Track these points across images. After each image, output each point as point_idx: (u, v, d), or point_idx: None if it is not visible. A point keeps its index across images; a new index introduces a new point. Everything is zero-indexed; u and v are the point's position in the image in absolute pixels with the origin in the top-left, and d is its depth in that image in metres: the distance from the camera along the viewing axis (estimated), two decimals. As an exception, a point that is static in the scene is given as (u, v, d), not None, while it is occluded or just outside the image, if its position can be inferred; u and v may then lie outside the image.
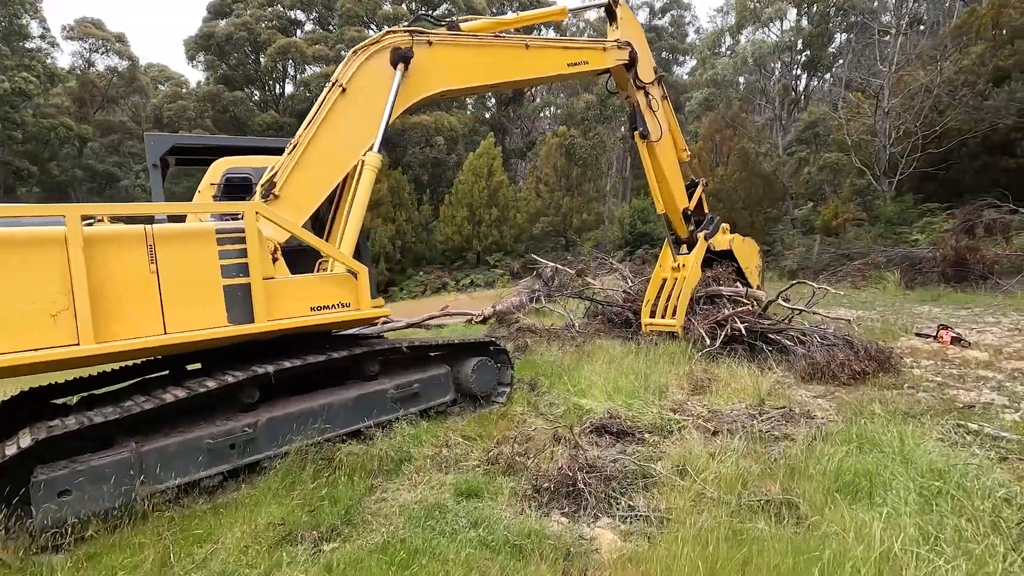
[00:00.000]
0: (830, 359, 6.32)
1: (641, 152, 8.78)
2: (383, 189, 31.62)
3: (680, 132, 9.33)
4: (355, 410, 4.89)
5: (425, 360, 5.60)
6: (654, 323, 8.97)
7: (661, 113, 8.77)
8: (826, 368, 6.25)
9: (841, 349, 6.49)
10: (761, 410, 5.29)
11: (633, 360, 7.73)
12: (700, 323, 8.21)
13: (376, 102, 5.97)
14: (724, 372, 6.74)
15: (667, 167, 8.83)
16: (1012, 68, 20.53)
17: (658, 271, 9.42)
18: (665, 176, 8.83)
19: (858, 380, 6.07)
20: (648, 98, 8.61)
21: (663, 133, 8.67)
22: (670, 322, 8.66)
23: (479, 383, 5.78)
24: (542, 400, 6.17)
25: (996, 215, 13.62)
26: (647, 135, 8.48)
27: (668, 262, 9.23)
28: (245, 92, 37.77)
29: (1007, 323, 9.17)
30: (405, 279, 32.16)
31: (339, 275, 4.89)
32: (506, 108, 47.18)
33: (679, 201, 9.10)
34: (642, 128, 8.49)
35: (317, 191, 5.60)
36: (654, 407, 5.77)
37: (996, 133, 20.25)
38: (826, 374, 6.23)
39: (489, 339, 5.96)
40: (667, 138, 8.83)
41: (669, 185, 8.90)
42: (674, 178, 8.99)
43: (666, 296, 8.97)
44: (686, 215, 9.21)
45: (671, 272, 9.12)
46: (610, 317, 10.85)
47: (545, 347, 9.54)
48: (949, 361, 6.90)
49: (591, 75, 8.78)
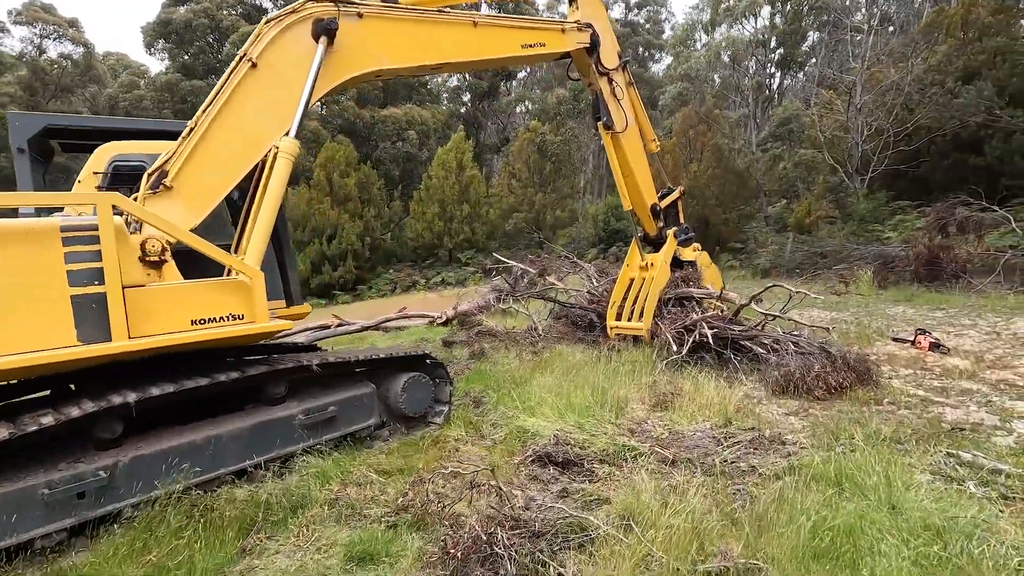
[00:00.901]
0: (805, 370, 5.73)
1: (606, 144, 8.12)
2: (351, 184, 30.56)
3: (648, 122, 8.69)
4: (252, 442, 4.11)
5: (346, 378, 4.84)
6: (620, 327, 8.36)
7: (627, 101, 8.11)
8: (800, 381, 5.66)
9: (817, 359, 5.91)
10: (727, 433, 4.67)
11: (592, 370, 7.08)
12: (668, 328, 7.60)
13: (292, 81, 5.19)
14: (689, 384, 6.13)
15: (633, 160, 8.17)
16: (981, 66, 20.51)
17: (625, 271, 8.80)
18: (631, 169, 8.17)
19: (834, 394, 5.49)
20: (612, 85, 7.94)
21: (629, 123, 8.02)
22: (636, 325, 8.05)
23: (410, 403, 5.04)
24: (486, 419, 5.47)
25: (968, 213, 13.36)
26: (611, 125, 7.81)
27: (636, 261, 8.61)
28: (206, 82, 36.13)
29: (984, 326, 8.78)
30: (374, 277, 31.16)
31: (232, 281, 4.09)
32: (481, 103, 46.35)
33: (647, 196, 8.47)
34: (606, 118, 7.83)
35: (218, 183, 4.80)
36: (609, 427, 5.11)
37: (965, 130, 20.19)
38: (800, 388, 5.64)
39: (423, 352, 5.22)
40: (633, 129, 8.16)
41: (636, 179, 8.25)
42: (641, 171, 8.34)
43: (633, 297, 8.35)
44: (655, 211, 8.58)
45: (639, 272, 8.50)
46: (574, 320, 10.23)
47: (503, 353, 8.86)
48: (929, 370, 6.40)
49: (549, 59, 8.06)
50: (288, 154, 4.84)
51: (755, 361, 6.82)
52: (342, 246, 29.70)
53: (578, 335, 9.53)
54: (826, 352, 5.98)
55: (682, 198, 9.02)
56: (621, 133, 7.89)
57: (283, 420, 4.29)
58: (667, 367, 7.07)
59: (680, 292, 8.32)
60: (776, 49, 41.31)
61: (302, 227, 29.68)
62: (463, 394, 6.41)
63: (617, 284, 8.80)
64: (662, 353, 7.32)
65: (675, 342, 7.27)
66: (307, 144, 32.90)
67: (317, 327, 12.87)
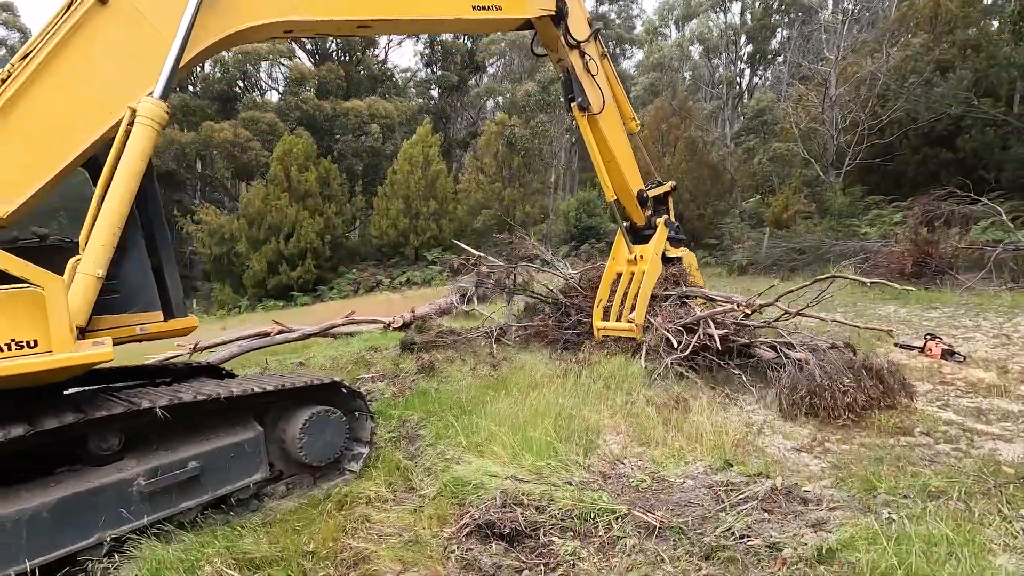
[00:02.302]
0: (831, 385, 4.68)
1: (582, 127, 6.90)
2: (310, 179, 28.87)
3: (626, 98, 7.53)
4: (59, 524, 2.83)
5: (218, 419, 3.57)
6: (608, 328, 7.18)
7: (602, 77, 6.93)
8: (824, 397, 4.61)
9: (843, 370, 4.86)
10: (727, 482, 3.58)
11: (560, 387, 5.95)
12: (663, 324, 6.47)
13: (158, 25, 3.89)
14: (676, 409, 5.04)
15: (614, 142, 7.02)
16: (955, 57, 20.20)
17: (611, 265, 7.63)
18: (613, 154, 7.03)
19: (861, 415, 4.46)
20: (585, 59, 6.74)
21: (606, 102, 6.86)
22: (626, 326, 6.88)
23: (313, 449, 3.80)
24: (419, 463, 4.27)
25: (952, 206, 12.73)
26: (587, 106, 6.63)
27: (622, 254, 7.46)
28: (153, 70, 33.82)
29: (988, 328, 7.97)
30: (336, 277, 29.56)
31: (14, 293, 2.78)
32: (449, 96, 44.93)
33: (632, 183, 7.35)
34: (580, 98, 6.59)
35: (41, 160, 3.50)
36: (576, 472, 3.98)
37: (940, 123, 19.87)
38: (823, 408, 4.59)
39: (333, 379, 3.97)
40: (611, 108, 7.01)
41: (618, 164, 7.11)
42: (623, 155, 7.21)
43: (621, 294, 7.18)
44: (642, 199, 7.47)
45: (627, 266, 7.36)
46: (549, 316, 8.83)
47: (457, 365, 7.66)
48: (950, 384, 5.47)
49: (507, 27, 6.83)
50: (149, 119, 3.56)
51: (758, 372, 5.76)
52: (301, 244, 28.04)
53: (551, 336, 8.30)
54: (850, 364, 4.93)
55: (673, 193, 7.91)
56: (599, 114, 6.76)
57: (112, 488, 3.01)
58: (650, 381, 6.00)
59: (689, 291, 7.19)
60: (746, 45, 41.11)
61: (257, 225, 27.90)
62: (397, 424, 5.20)
63: (603, 280, 7.63)
64: (652, 357, 6.22)
65: (673, 337, 6.14)
66: (263, 137, 31.08)
67: (255, 335, 11.42)
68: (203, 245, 28.89)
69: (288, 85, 33.70)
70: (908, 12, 24.00)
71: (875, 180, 23.11)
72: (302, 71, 33.53)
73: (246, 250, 27.93)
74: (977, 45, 20.53)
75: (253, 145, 30.60)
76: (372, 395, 6.51)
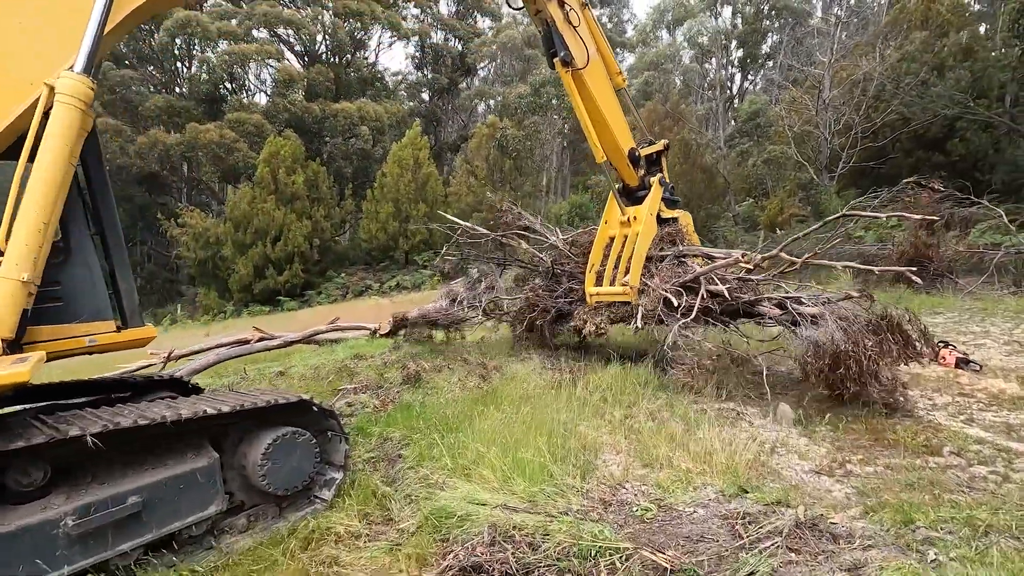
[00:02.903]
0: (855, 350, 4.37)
1: (566, 85, 6.41)
2: (298, 182, 28.33)
3: (611, 51, 7.07)
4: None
5: (166, 445, 3.13)
6: (601, 293, 6.73)
7: (584, 29, 6.45)
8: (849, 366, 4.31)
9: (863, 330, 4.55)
10: (744, 512, 3.19)
11: (554, 399, 5.56)
12: (660, 285, 6.07)
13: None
14: (679, 423, 4.65)
15: (602, 99, 6.58)
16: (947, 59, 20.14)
17: (603, 229, 7.20)
18: (601, 112, 6.58)
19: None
20: (565, 10, 6.26)
21: (590, 56, 6.37)
22: (620, 289, 6.43)
23: (277, 476, 3.36)
24: (399, 489, 3.84)
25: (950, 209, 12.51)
26: (570, 60, 6.14)
27: (615, 216, 7.04)
28: (139, 72, 33.18)
29: (997, 334, 7.68)
30: (324, 282, 28.99)
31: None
32: (439, 99, 44.55)
33: (623, 141, 6.92)
34: (563, 52, 6.12)
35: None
36: (574, 500, 3.57)
37: (933, 126, 19.78)
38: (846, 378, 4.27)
39: (301, 397, 3.54)
40: (596, 62, 6.56)
41: (607, 122, 6.68)
42: (612, 112, 6.78)
43: (615, 258, 6.74)
44: (633, 157, 7.04)
45: (619, 228, 6.95)
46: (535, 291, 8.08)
47: (445, 375, 7.26)
48: (970, 396, 5.13)
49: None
50: (71, 97, 3.13)
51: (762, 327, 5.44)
52: (288, 248, 27.46)
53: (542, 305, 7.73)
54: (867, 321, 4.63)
55: (666, 152, 7.49)
56: (583, 69, 6.27)
57: (34, 530, 2.57)
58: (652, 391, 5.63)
59: (686, 250, 6.75)
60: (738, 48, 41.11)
61: (244, 228, 27.29)
62: (377, 442, 4.76)
63: (595, 245, 7.19)
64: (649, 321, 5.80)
65: (673, 297, 5.76)
66: (250, 139, 30.50)
67: (234, 342, 10.91)
68: (188, 249, 28.23)
69: (276, 86, 33.13)
70: (900, 16, 24.03)
71: (868, 184, 22.97)
72: (291, 72, 32.99)
73: (232, 254, 27.31)
74: (970, 48, 20.53)
75: (240, 147, 30.00)
76: (353, 407, 6.08)
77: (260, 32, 34.41)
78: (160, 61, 34.19)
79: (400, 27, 39.02)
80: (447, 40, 43.27)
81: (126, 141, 30.31)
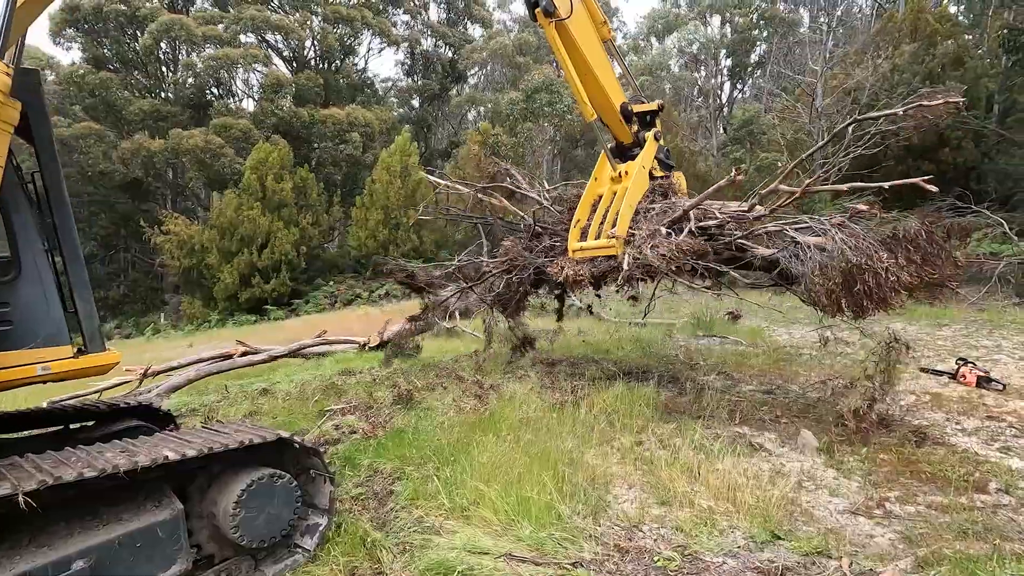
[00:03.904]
0: (868, 263, 4.12)
1: (550, 38, 5.92)
2: (286, 189, 27.81)
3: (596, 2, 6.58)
4: None
5: (122, 493, 2.71)
6: (585, 247, 6.18)
7: None
8: (865, 279, 4.05)
9: (875, 245, 4.22)
10: (779, 565, 2.83)
11: (557, 423, 5.20)
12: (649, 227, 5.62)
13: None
14: (695, 451, 4.30)
15: (589, 52, 6.14)
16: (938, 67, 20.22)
17: (592, 185, 6.73)
18: (588, 65, 6.14)
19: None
20: None
21: (574, 5, 5.90)
22: (605, 242, 5.92)
23: (254, 526, 2.95)
24: (391, 534, 3.44)
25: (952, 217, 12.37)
26: (553, 10, 5.68)
27: (606, 173, 6.60)
28: (120, 75, 32.46)
29: (1009, 348, 7.45)
30: (312, 290, 28.40)
31: None
32: (430, 105, 44.25)
33: (613, 96, 6.51)
34: (545, 1, 5.66)
35: None
36: (586, 546, 3.20)
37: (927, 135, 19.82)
38: (863, 294, 4.08)
39: (279, 435, 3.13)
40: (581, 12, 6.09)
41: (596, 76, 6.25)
42: (600, 65, 6.34)
43: (602, 212, 6.26)
44: (626, 112, 6.61)
45: (609, 184, 6.51)
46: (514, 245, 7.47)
47: (439, 393, 6.87)
48: (999, 419, 4.84)
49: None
50: None
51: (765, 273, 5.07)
52: (275, 256, 26.89)
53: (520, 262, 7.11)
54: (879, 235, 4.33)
55: (661, 113, 7.01)
56: (568, 19, 5.81)
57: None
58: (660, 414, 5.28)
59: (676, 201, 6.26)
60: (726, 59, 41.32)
61: (229, 235, 26.69)
62: (367, 475, 4.36)
63: (582, 200, 6.69)
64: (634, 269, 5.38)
65: (663, 229, 5.37)
66: (237, 144, 29.89)
67: (216, 357, 10.43)
68: (172, 257, 27.53)
69: (264, 92, 32.59)
70: (887, 26, 24.15)
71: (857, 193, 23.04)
72: (279, 78, 32.50)
73: (217, 262, 26.67)
74: (959, 58, 20.64)
75: (226, 152, 29.42)
76: (340, 430, 5.67)
77: (248, 37, 33.92)
78: (144, 65, 33.53)
79: (390, 34, 38.72)
80: (438, 47, 43.05)
81: (109, 146, 29.62)
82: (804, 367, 7.35)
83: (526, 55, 37.96)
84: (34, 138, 3.41)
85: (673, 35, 40.94)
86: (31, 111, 3.35)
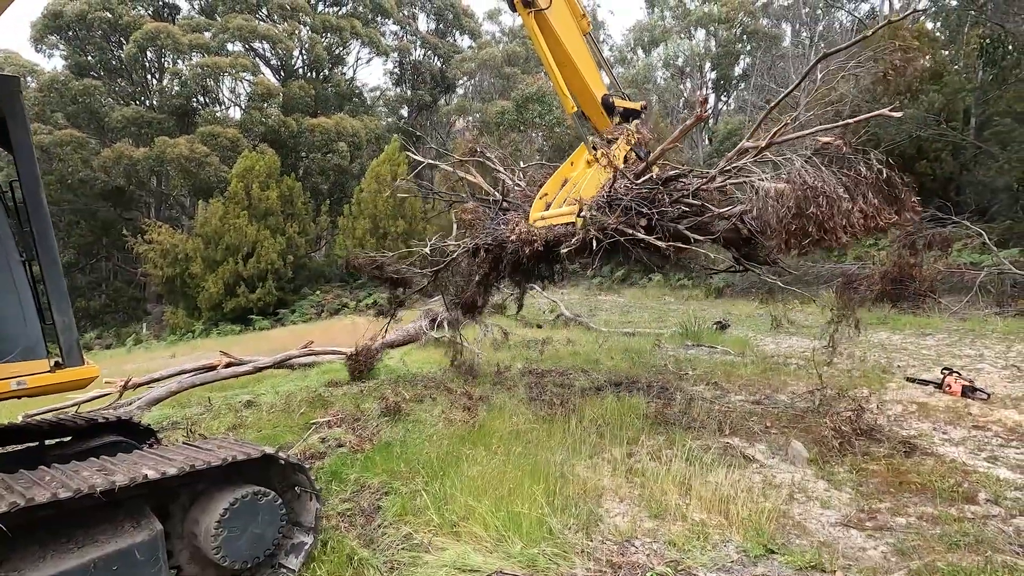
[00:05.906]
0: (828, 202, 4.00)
1: (529, 29, 5.95)
2: (272, 197, 27.58)
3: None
4: None
5: (98, 514, 2.61)
6: (547, 215, 6.11)
7: None
8: (833, 215, 4.01)
9: (832, 183, 4.14)
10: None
11: (546, 436, 5.15)
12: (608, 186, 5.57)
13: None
14: (682, 461, 4.27)
15: (569, 42, 6.15)
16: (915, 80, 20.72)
17: (565, 167, 6.69)
18: (569, 56, 6.15)
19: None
20: None
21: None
22: (567, 209, 5.86)
23: (237, 546, 2.86)
24: (377, 554, 3.36)
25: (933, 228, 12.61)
26: (532, 1, 5.67)
27: (581, 157, 6.55)
28: (103, 83, 32.07)
29: (991, 356, 7.55)
30: (298, 300, 28.13)
31: None
32: (419, 115, 44.31)
33: (594, 87, 6.50)
34: None
35: None
36: (578, 562, 3.15)
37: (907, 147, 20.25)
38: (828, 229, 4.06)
39: (264, 451, 3.05)
40: (560, 3, 6.10)
41: (576, 66, 6.25)
42: (580, 56, 6.36)
43: (571, 186, 6.22)
44: (607, 103, 6.59)
45: (583, 166, 6.46)
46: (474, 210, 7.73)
47: (427, 405, 6.79)
48: (984, 428, 4.88)
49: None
50: None
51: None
52: (261, 265, 26.60)
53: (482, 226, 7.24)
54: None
55: (644, 112, 6.99)
56: (547, 9, 5.80)
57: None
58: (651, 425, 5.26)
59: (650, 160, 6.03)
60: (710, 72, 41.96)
61: (214, 244, 26.37)
62: (354, 490, 4.27)
63: (552, 178, 6.65)
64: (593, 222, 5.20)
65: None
66: (223, 153, 29.62)
67: (199, 368, 10.22)
68: (155, 266, 27.10)
69: (251, 100, 32.39)
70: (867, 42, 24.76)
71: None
72: (267, 86, 32.34)
73: (202, 271, 26.32)
74: (938, 72, 21.17)
75: (211, 160, 29.13)
76: (327, 443, 5.56)
77: (235, 46, 33.75)
78: (129, 73, 33.19)
79: (379, 44, 38.79)
80: (427, 57, 43.21)
81: (90, 153, 29.19)
82: (792, 376, 7.38)
83: (514, 66, 38.24)
84: (13, 146, 3.32)
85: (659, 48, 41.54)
86: (10, 118, 3.27)
